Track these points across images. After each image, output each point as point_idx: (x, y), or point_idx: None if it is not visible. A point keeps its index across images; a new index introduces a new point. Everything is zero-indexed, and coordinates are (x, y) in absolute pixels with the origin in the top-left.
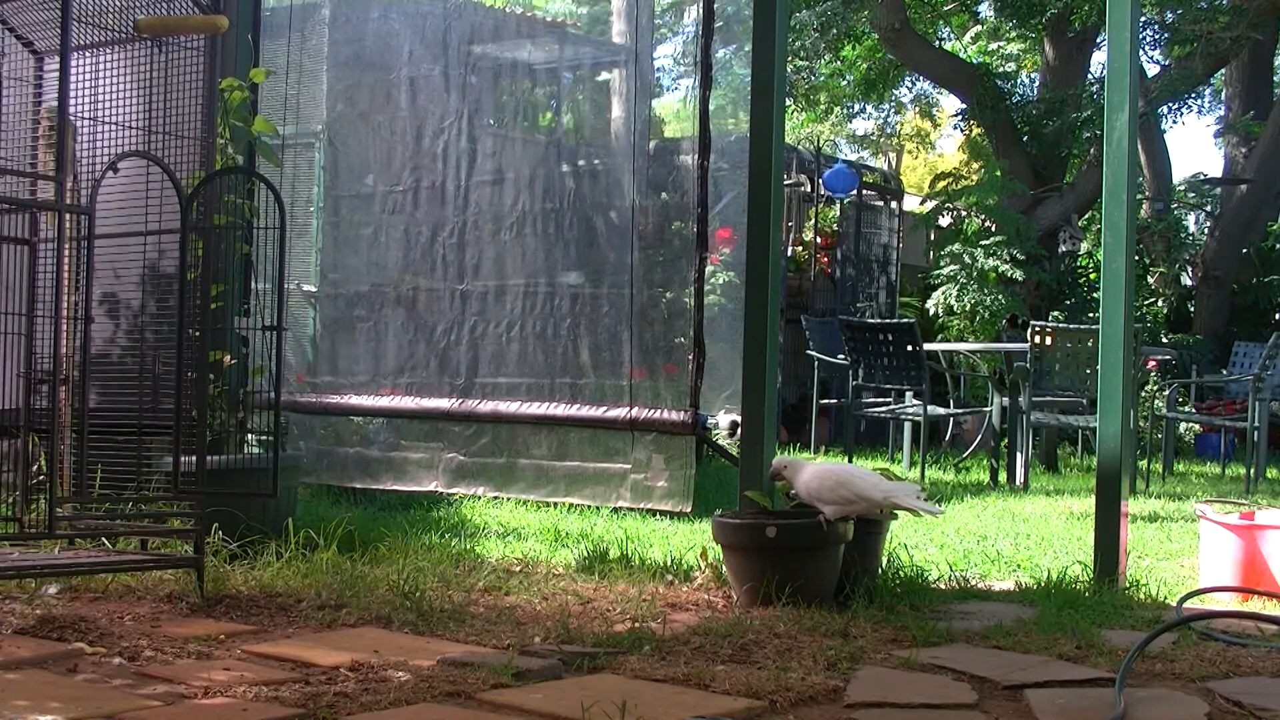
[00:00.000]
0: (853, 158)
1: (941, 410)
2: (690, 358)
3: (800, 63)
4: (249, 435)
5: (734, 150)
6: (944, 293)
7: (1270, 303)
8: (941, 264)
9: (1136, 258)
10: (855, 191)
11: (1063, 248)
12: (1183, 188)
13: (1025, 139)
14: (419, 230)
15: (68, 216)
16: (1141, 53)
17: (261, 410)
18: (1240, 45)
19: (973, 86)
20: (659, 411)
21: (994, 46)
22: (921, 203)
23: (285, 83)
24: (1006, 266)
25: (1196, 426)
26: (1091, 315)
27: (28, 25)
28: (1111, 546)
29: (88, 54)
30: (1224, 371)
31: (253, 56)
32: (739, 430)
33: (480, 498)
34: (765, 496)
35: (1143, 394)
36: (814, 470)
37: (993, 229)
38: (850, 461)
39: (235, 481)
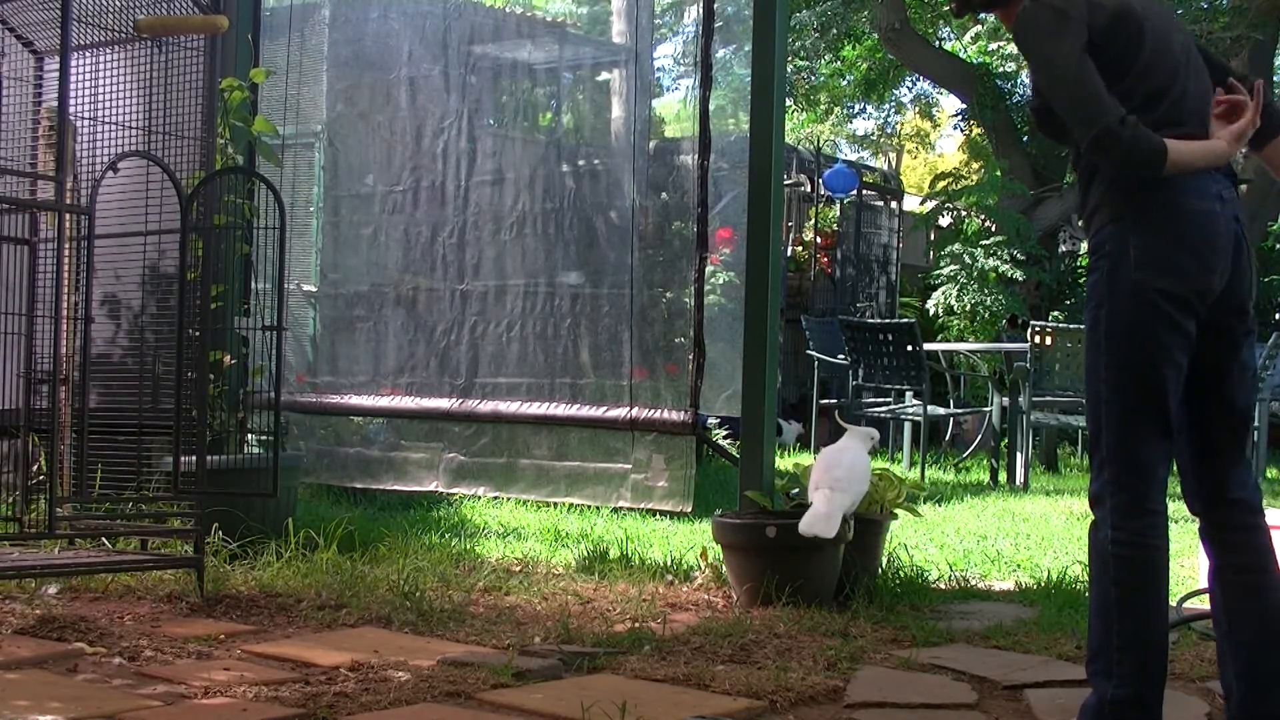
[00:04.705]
0: (853, 158)
1: (941, 410)
2: (690, 358)
3: (800, 63)
4: (249, 435)
5: (734, 150)
6: (944, 293)
7: (1270, 303)
8: (941, 264)
9: None
10: (855, 191)
11: (1063, 248)
12: None
13: (1025, 139)
14: (419, 230)
15: (68, 216)
16: None
17: (261, 410)
18: (1240, 45)
19: (973, 86)
20: (659, 411)
21: (994, 46)
22: (921, 203)
23: (285, 83)
24: (1006, 266)
25: None
26: None
27: (28, 25)
28: None
29: (88, 54)
30: None
31: (253, 56)
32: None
33: (480, 498)
34: (765, 496)
35: None
36: (826, 454)
37: (993, 229)
38: None
39: (235, 481)
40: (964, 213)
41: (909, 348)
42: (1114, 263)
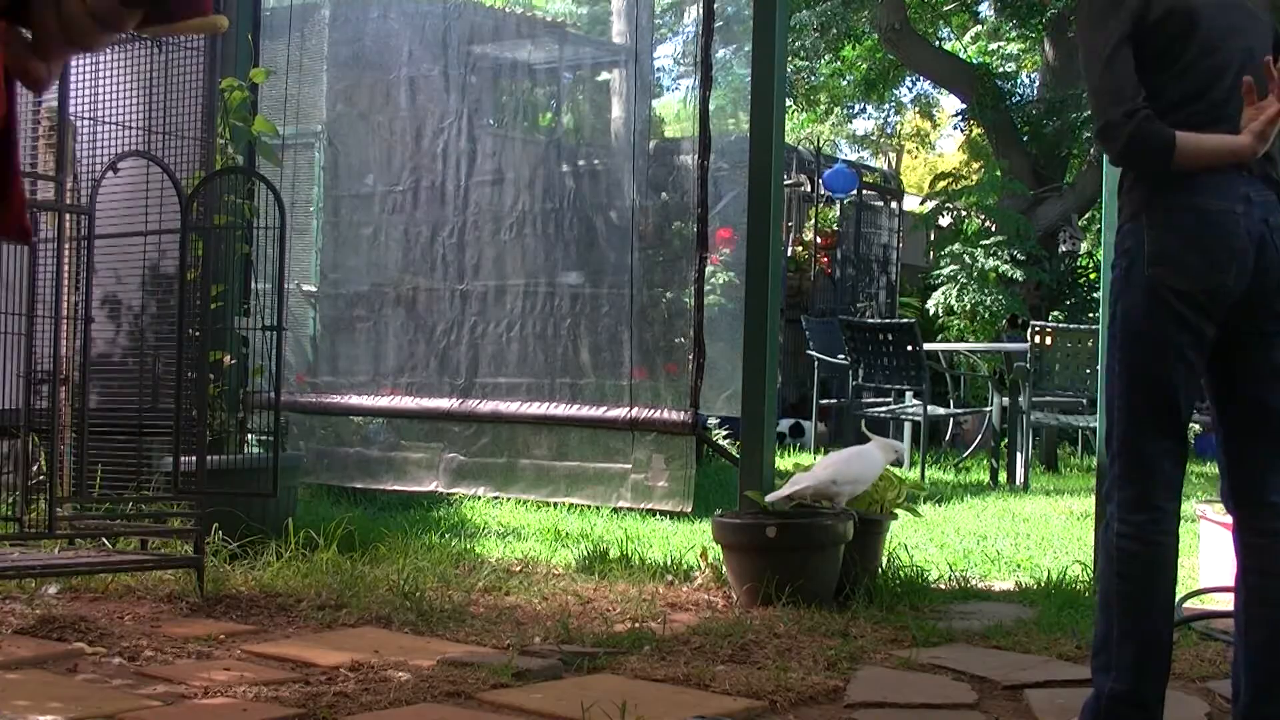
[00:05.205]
0: (853, 158)
1: (941, 410)
2: (690, 358)
3: (800, 63)
4: (249, 435)
5: (734, 150)
6: (944, 293)
7: None
8: (941, 264)
9: None
10: (855, 191)
11: (1063, 248)
12: None
13: (1025, 139)
14: (419, 230)
15: (68, 216)
16: None
17: (261, 410)
18: None
19: (973, 86)
20: (659, 411)
21: (994, 46)
22: (921, 203)
23: (285, 83)
24: (1006, 266)
25: (1196, 426)
26: (1091, 315)
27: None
28: None
29: (88, 54)
30: None
31: (253, 56)
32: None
33: (480, 498)
34: (765, 496)
35: None
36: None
37: (993, 229)
38: None
39: (235, 481)
40: (964, 213)
41: (909, 348)
42: (1131, 260)
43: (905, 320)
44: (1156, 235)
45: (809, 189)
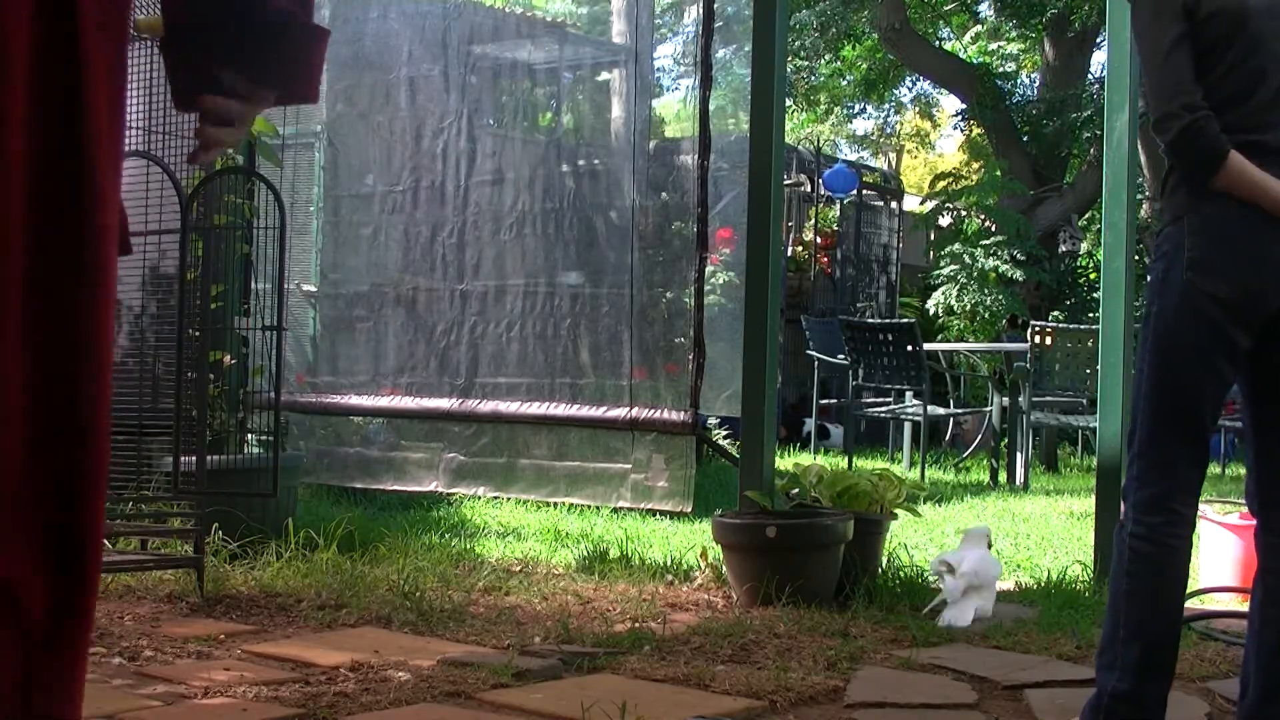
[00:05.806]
0: (853, 158)
1: (941, 410)
2: (690, 358)
3: (800, 63)
4: (249, 435)
5: (734, 150)
6: (944, 293)
7: None
8: (941, 264)
9: (1136, 258)
10: (855, 191)
11: (1063, 248)
12: None
13: (1025, 139)
14: (419, 230)
15: None
16: None
17: (261, 410)
18: None
19: (973, 86)
20: (659, 411)
21: (994, 46)
22: (921, 203)
23: None
24: (1006, 266)
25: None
26: (1091, 315)
27: None
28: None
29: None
30: None
31: None
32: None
33: (480, 498)
34: (765, 496)
35: None
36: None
37: (993, 229)
38: (850, 462)
39: (235, 481)
40: (964, 213)
41: (909, 348)
42: (1169, 263)
43: (905, 320)
44: (1196, 240)
45: (809, 189)
